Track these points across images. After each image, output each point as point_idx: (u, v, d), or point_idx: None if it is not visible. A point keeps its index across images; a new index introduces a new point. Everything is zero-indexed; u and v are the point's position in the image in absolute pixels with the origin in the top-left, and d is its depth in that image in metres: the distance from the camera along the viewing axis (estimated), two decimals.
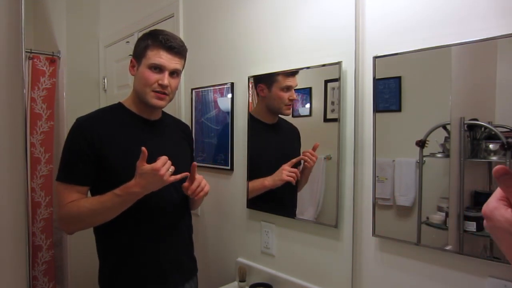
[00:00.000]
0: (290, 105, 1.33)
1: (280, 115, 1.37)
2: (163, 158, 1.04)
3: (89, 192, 1.15)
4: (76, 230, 1.15)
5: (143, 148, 1.01)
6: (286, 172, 1.31)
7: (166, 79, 1.13)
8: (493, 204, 0.47)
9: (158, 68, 1.14)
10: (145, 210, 1.13)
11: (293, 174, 1.29)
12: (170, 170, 1.05)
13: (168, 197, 1.19)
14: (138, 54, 1.16)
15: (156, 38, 1.14)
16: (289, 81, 1.34)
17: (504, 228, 0.45)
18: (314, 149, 1.25)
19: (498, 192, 0.47)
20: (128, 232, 1.14)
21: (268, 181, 1.39)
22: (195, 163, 1.16)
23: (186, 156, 1.33)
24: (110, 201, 1.04)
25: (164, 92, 1.15)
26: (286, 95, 1.35)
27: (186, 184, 1.15)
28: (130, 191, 1.03)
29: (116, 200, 1.04)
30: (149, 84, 1.13)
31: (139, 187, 1.03)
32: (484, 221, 0.49)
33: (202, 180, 1.17)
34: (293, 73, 1.32)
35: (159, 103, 1.16)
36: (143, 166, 1.02)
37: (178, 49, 1.16)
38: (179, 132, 1.34)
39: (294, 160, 1.29)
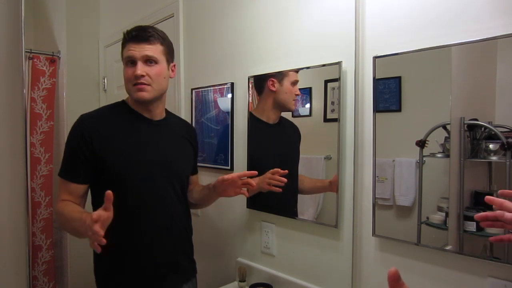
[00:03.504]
0: (296, 100, 1.34)
1: (285, 112, 1.36)
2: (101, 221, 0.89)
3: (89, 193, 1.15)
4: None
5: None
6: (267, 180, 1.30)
7: (139, 69, 1.09)
8: None
9: (132, 62, 1.12)
10: (142, 210, 1.13)
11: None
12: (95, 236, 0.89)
13: (167, 199, 1.18)
14: (121, 56, 1.17)
15: (124, 35, 1.14)
16: (297, 77, 1.36)
17: None
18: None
19: None
20: (124, 233, 1.12)
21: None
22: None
23: (188, 157, 1.31)
24: (77, 220, 0.99)
25: (142, 82, 1.10)
26: (294, 89, 1.37)
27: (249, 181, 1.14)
28: (82, 222, 0.94)
29: (78, 222, 0.98)
30: (128, 79, 1.12)
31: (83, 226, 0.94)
32: None
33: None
34: (297, 70, 1.34)
35: (142, 94, 1.11)
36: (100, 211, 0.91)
37: (143, 35, 1.12)
38: (183, 133, 1.31)
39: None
